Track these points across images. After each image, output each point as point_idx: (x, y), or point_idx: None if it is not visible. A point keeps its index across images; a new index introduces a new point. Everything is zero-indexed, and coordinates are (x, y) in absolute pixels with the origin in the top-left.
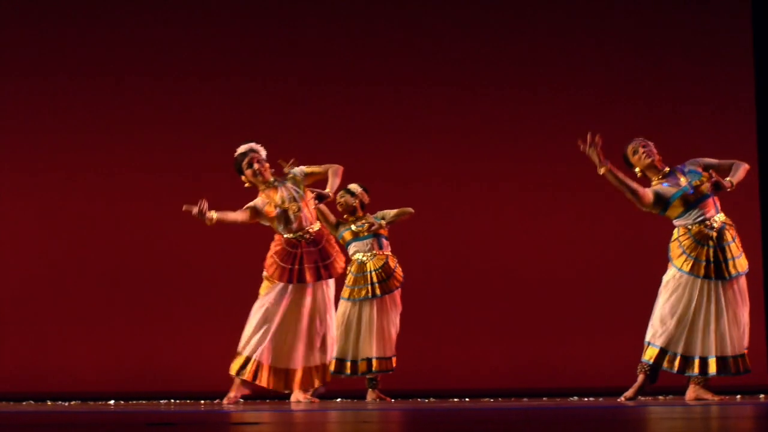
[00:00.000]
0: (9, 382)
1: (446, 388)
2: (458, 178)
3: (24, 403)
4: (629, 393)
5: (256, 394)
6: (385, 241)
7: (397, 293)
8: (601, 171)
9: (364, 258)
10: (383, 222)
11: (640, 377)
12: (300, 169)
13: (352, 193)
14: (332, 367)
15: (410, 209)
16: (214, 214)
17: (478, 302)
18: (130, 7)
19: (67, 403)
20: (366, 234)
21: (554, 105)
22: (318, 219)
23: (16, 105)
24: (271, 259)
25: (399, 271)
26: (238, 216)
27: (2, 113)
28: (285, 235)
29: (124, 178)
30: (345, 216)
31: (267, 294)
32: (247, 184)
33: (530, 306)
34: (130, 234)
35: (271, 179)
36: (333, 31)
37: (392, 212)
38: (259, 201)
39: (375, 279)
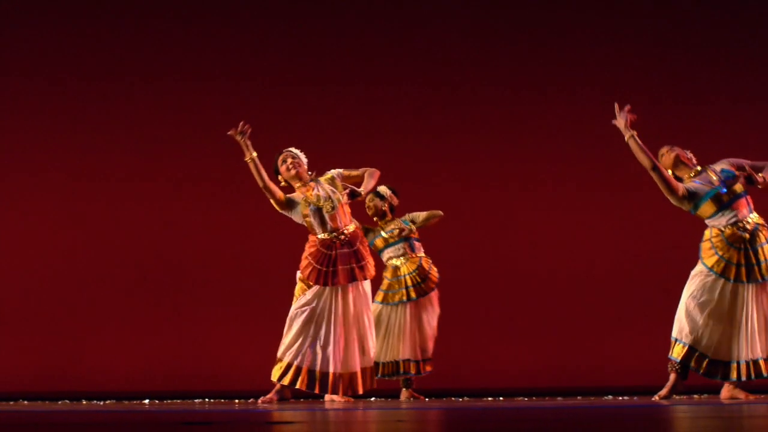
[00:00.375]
0: (45, 382)
1: (480, 387)
2: (489, 179)
3: (59, 402)
4: (663, 392)
5: (292, 393)
6: (417, 244)
7: (434, 295)
8: (627, 136)
9: (398, 262)
10: (413, 226)
11: (672, 376)
12: (338, 171)
13: (381, 197)
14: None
15: (439, 212)
16: (254, 153)
17: (511, 301)
18: (152, 10)
19: (102, 403)
20: (397, 239)
21: (583, 104)
22: (353, 220)
23: (43, 108)
24: (306, 260)
25: (434, 273)
26: (272, 185)
27: (31, 117)
28: (319, 236)
29: (157, 180)
30: (375, 219)
31: (303, 298)
32: (283, 183)
33: (564, 305)
34: (167, 234)
35: (308, 178)
36: (364, 31)
37: (422, 215)
38: (295, 195)
39: (410, 282)
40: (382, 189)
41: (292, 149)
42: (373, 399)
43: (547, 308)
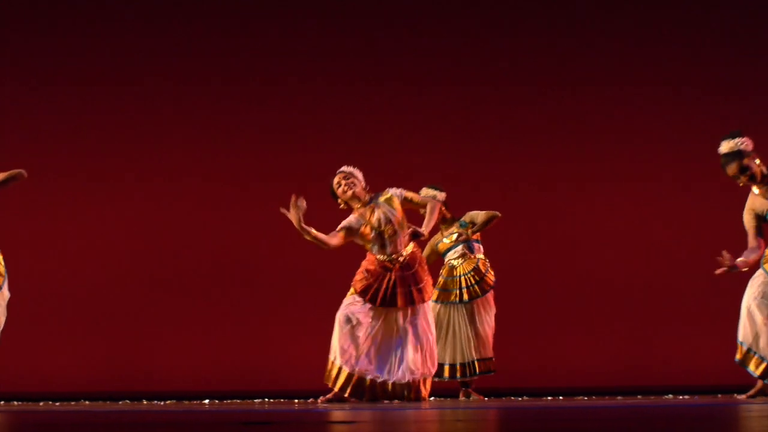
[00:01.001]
0: (106, 382)
1: (539, 387)
2: (550, 179)
3: (120, 402)
4: (751, 392)
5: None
6: (476, 245)
7: (490, 295)
8: None
9: (455, 262)
10: (469, 231)
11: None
12: (399, 192)
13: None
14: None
15: (497, 213)
16: (312, 230)
17: (571, 300)
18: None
19: (162, 403)
20: (455, 243)
21: (634, 102)
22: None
23: (111, 114)
24: (362, 275)
25: (490, 276)
26: (332, 240)
27: (96, 123)
28: (378, 257)
29: (221, 180)
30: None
31: (353, 304)
32: (342, 206)
33: (624, 303)
34: (227, 235)
35: (366, 198)
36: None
37: (480, 216)
38: (353, 219)
39: (464, 284)
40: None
41: (345, 168)
42: (432, 398)
43: (607, 307)
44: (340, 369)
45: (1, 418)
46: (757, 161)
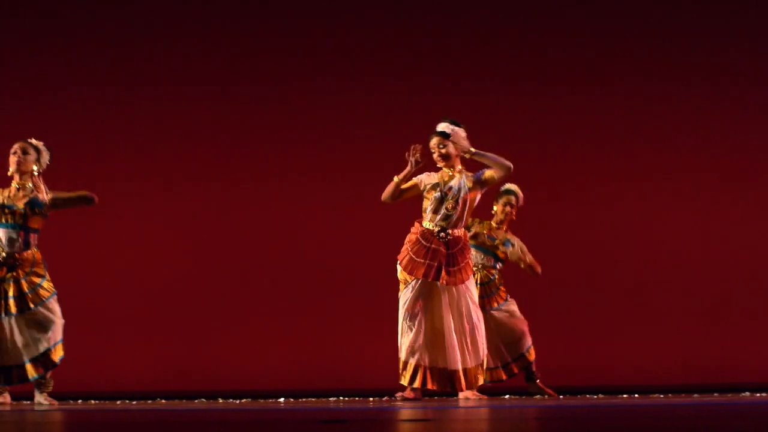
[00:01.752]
0: (182, 381)
1: (615, 384)
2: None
3: (196, 401)
4: None
5: (425, 391)
6: (499, 265)
7: (507, 304)
8: None
9: (474, 269)
10: (508, 251)
11: None
12: (481, 175)
13: (512, 205)
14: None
15: (537, 269)
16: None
17: (646, 297)
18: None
19: (238, 401)
20: (488, 249)
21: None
22: (467, 227)
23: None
24: (404, 247)
25: (503, 290)
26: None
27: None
28: (425, 223)
29: (296, 178)
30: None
31: (405, 295)
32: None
33: (699, 300)
34: (301, 233)
35: (458, 167)
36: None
37: (526, 258)
38: (425, 177)
39: (478, 294)
40: (517, 200)
41: (445, 127)
42: (507, 396)
43: (682, 304)
44: (406, 363)
45: (80, 417)
46: None
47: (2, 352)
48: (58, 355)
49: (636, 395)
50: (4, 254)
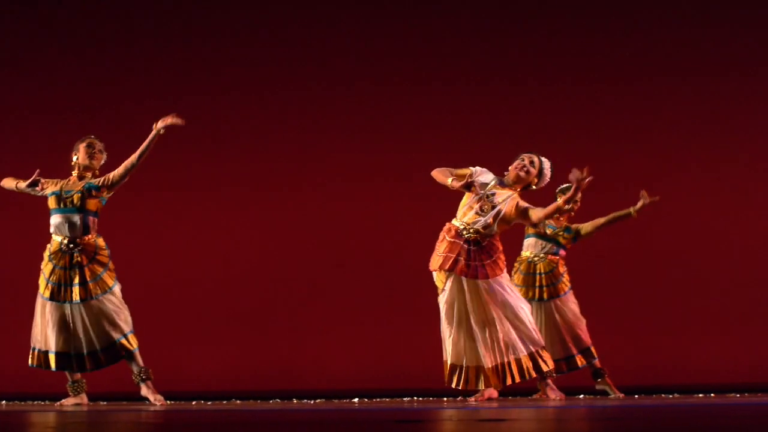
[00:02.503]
0: (257, 381)
1: (691, 383)
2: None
3: (270, 401)
4: None
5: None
6: (563, 251)
7: (569, 295)
8: None
9: (535, 258)
10: (571, 236)
11: None
12: (527, 209)
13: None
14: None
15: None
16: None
17: (718, 294)
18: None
19: (312, 401)
20: (548, 236)
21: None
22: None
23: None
24: (437, 247)
25: (566, 278)
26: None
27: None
28: (455, 220)
29: (368, 177)
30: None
31: (442, 295)
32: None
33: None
34: (375, 233)
35: (517, 188)
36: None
37: (588, 227)
38: (480, 171)
39: (543, 282)
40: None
41: (534, 159)
42: (581, 396)
43: (753, 301)
44: (453, 366)
45: (155, 417)
46: None
47: (73, 338)
48: (133, 344)
49: (712, 394)
50: (66, 241)
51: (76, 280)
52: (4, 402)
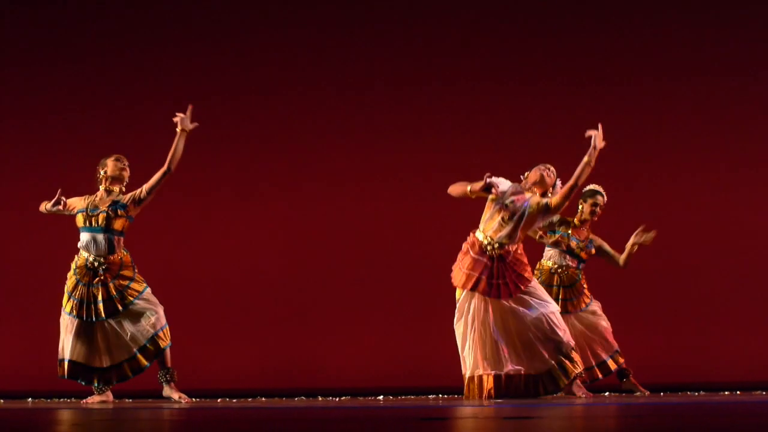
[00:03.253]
0: (282, 379)
1: (717, 381)
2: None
3: (296, 399)
4: None
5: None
6: (582, 265)
7: (591, 305)
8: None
9: (558, 270)
10: (592, 251)
11: None
12: (549, 205)
13: (598, 206)
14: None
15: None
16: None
17: (745, 292)
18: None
19: (337, 399)
20: (570, 250)
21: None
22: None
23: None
24: (460, 260)
25: (587, 291)
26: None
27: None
28: (478, 233)
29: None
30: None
31: (463, 307)
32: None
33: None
34: (390, 232)
35: (536, 191)
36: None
37: (608, 252)
38: (502, 181)
39: (565, 296)
40: (603, 192)
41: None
42: (606, 394)
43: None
44: (471, 378)
45: (180, 415)
46: None
47: (96, 352)
48: (164, 341)
49: (738, 392)
50: (91, 258)
51: (100, 297)
52: (30, 400)
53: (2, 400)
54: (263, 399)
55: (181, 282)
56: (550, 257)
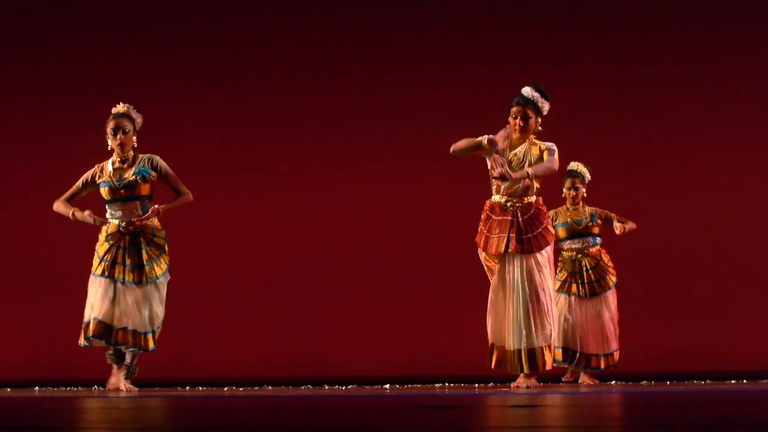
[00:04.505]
0: (288, 368)
1: (723, 369)
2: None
3: (302, 387)
4: None
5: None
6: (599, 240)
7: (613, 290)
8: None
9: (579, 256)
10: (599, 222)
11: None
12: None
13: (577, 186)
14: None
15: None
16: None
17: (753, 280)
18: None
19: (344, 388)
20: (582, 232)
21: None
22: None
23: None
24: (479, 227)
25: (612, 269)
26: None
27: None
28: (494, 196)
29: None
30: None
31: (492, 282)
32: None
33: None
34: (402, 223)
35: (531, 137)
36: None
37: (616, 228)
38: (503, 135)
39: (587, 279)
40: (579, 169)
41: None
42: (613, 383)
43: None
44: (492, 346)
45: (187, 403)
46: None
47: (116, 311)
48: (151, 343)
49: (744, 381)
50: (124, 223)
51: (129, 262)
52: (36, 388)
53: (9, 389)
54: (270, 387)
55: (187, 270)
56: (568, 249)
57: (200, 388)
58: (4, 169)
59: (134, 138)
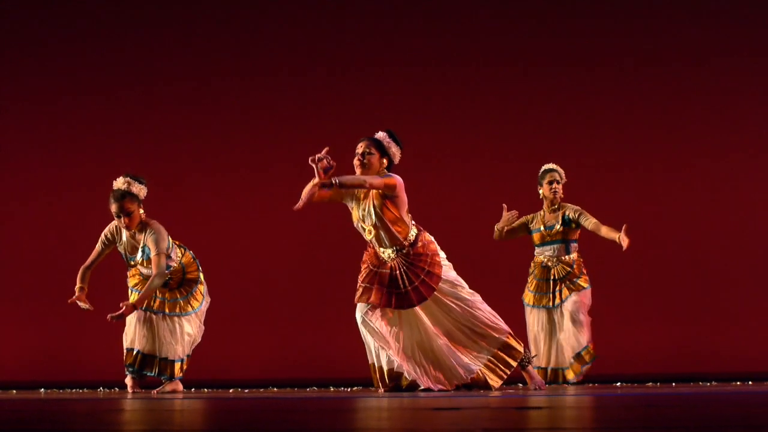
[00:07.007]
0: (294, 369)
1: (728, 371)
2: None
3: (308, 389)
4: None
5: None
6: (573, 245)
7: (588, 290)
8: None
9: (549, 263)
10: (572, 226)
11: None
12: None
13: (557, 182)
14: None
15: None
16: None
17: (758, 282)
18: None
19: (348, 389)
20: (554, 239)
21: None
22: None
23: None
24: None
25: (585, 277)
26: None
27: (277, 117)
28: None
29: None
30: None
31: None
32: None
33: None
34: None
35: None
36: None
37: (590, 223)
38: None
39: (559, 287)
40: (556, 168)
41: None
42: (618, 384)
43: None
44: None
45: (194, 404)
46: None
47: (145, 339)
48: (178, 371)
49: (750, 382)
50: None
51: (160, 295)
52: (42, 390)
53: (14, 391)
54: (275, 389)
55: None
56: (540, 253)
57: (205, 390)
58: (9, 170)
59: (140, 211)
